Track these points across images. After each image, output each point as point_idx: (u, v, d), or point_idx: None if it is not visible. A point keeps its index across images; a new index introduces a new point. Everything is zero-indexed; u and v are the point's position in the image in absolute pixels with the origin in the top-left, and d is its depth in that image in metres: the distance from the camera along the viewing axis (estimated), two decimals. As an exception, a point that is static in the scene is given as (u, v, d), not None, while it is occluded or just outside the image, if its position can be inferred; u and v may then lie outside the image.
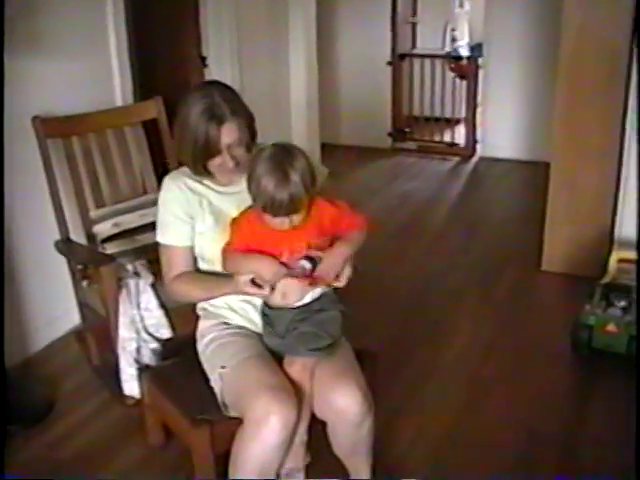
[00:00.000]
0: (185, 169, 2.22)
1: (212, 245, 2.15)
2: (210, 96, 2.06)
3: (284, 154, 1.96)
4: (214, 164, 2.11)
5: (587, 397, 3.00)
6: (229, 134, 2.06)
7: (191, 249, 2.21)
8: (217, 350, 2.19)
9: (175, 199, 2.18)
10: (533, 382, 3.10)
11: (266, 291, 2.01)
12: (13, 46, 2.78)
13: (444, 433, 2.77)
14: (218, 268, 2.15)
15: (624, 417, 2.77)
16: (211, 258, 2.18)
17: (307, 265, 2.00)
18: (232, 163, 2.10)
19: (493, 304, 3.82)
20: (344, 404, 2.04)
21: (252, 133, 2.15)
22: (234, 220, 2.10)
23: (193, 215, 2.18)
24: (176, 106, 2.15)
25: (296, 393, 2.03)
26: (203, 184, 2.20)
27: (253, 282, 2.00)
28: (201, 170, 2.15)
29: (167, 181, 2.23)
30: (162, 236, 2.22)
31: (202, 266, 2.24)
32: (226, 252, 2.09)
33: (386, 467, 2.46)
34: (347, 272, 2.10)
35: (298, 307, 2.09)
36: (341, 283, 2.10)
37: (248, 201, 2.04)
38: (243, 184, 2.08)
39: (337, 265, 2.06)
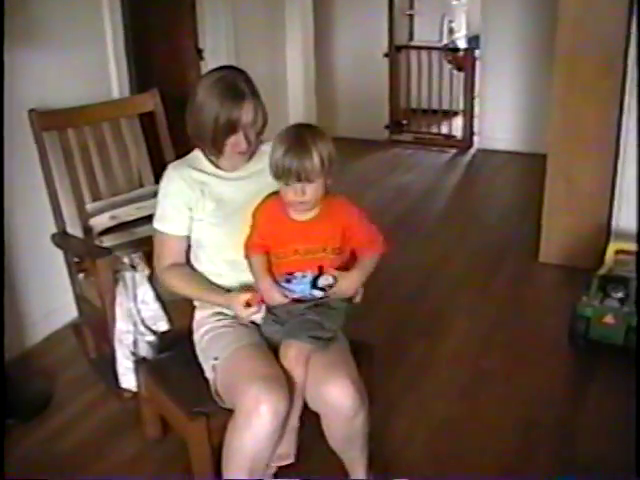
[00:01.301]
0: (189, 158, 2.29)
1: (210, 229, 2.20)
2: (231, 76, 2.15)
3: (309, 129, 2.04)
4: (229, 143, 2.16)
5: (584, 388, 3.00)
6: (247, 113, 2.12)
7: (185, 239, 2.25)
8: (211, 341, 2.20)
9: (177, 189, 2.21)
10: (530, 374, 3.10)
11: (255, 310, 2.09)
12: (8, 38, 2.77)
13: (441, 426, 2.77)
14: (215, 255, 2.22)
15: (621, 408, 2.78)
16: (209, 244, 2.23)
17: (317, 294, 2.08)
18: (245, 144, 2.16)
19: (491, 296, 3.82)
20: (336, 397, 2.04)
21: (264, 118, 2.19)
22: (256, 209, 2.14)
23: (192, 206, 2.20)
24: (191, 90, 2.21)
25: (288, 382, 2.03)
26: (205, 172, 2.24)
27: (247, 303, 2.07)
28: (220, 148, 2.18)
29: (170, 170, 2.27)
30: (159, 223, 2.26)
31: (199, 253, 2.26)
32: (249, 254, 2.14)
33: (383, 460, 2.46)
34: (360, 293, 2.22)
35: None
36: (356, 300, 2.22)
37: (249, 186, 2.15)
38: (246, 171, 2.22)
39: (351, 290, 2.15)
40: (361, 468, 2.26)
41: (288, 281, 2.06)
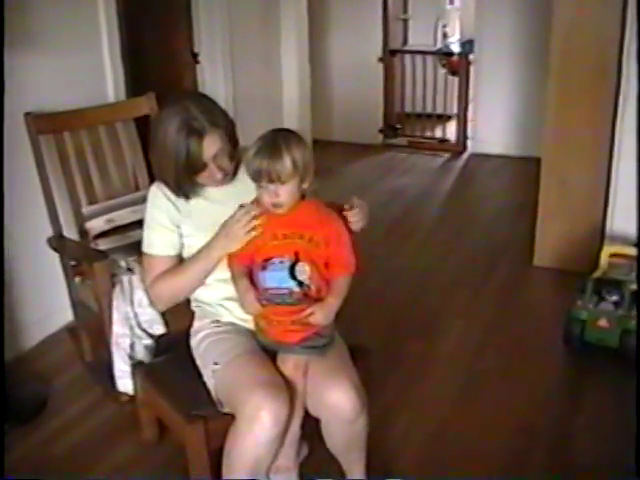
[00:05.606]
0: None
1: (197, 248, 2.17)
2: (186, 110, 2.03)
3: (284, 133, 2.00)
4: (202, 177, 2.11)
5: (580, 391, 3.01)
6: (211, 146, 2.05)
7: (174, 258, 2.21)
8: (210, 347, 2.19)
9: (161, 207, 2.18)
10: (525, 377, 3.11)
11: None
12: (6, 42, 2.77)
13: (437, 429, 2.78)
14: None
15: (618, 410, 2.80)
16: None
17: (292, 285, 1.99)
18: (220, 174, 2.11)
19: (485, 300, 3.83)
20: (337, 401, 2.04)
21: (234, 141, 2.14)
22: None
23: (179, 223, 2.18)
24: (151, 126, 2.14)
25: (288, 389, 2.03)
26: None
27: None
28: (187, 188, 2.13)
29: (154, 189, 2.22)
30: (147, 246, 2.23)
31: None
32: (231, 263, 2.10)
33: (380, 463, 2.46)
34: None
35: None
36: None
37: (226, 215, 2.06)
38: (227, 193, 2.15)
39: (328, 319, 2.05)
40: (359, 469, 2.26)
41: (265, 268, 2.00)
